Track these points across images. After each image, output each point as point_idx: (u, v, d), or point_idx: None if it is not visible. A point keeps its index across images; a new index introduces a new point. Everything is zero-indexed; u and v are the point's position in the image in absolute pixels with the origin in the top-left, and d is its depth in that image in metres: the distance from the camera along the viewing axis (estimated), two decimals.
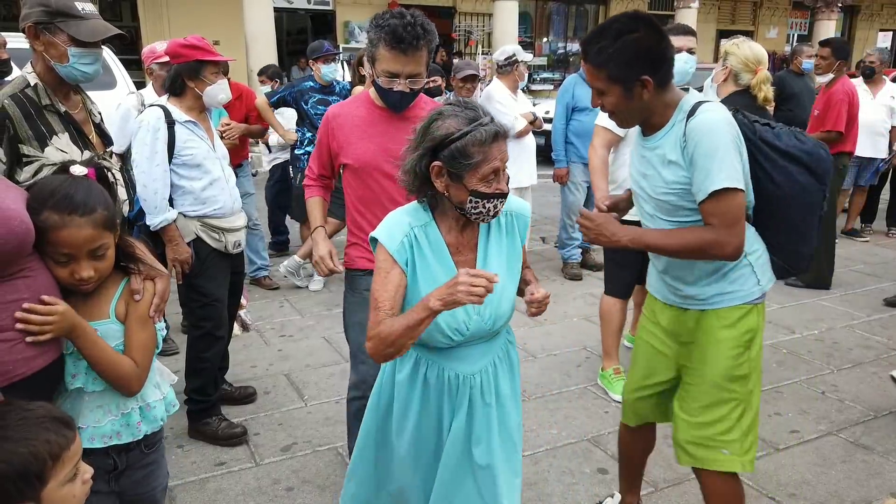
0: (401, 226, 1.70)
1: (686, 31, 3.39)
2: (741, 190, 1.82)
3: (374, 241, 1.71)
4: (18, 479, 1.17)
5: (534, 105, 5.88)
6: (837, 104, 5.21)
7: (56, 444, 1.22)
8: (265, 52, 10.42)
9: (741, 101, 2.98)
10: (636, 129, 2.07)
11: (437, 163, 1.61)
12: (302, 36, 15.78)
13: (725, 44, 3.26)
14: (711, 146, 1.80)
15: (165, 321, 4.17)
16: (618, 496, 2.56)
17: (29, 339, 1.50)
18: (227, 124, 4.35)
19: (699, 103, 1.88)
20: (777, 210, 2.02)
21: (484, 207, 1.63)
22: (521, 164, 5.03)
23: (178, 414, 3.19)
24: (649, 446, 2.43)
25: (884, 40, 17.63)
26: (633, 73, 1.82)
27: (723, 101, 2.98)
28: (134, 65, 8.85)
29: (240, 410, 3.31)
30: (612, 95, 1.88)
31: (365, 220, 2.40)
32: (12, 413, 1.23)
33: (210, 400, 3.08)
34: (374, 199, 2.37)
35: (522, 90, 5.27)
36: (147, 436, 1.75)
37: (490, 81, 5.59)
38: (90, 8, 2.22)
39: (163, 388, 1.81)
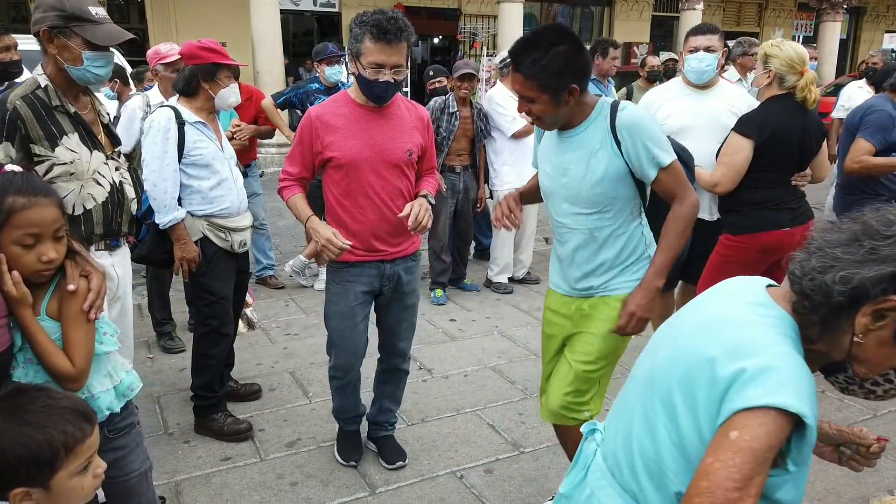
0: (809, 379, 1.03)
1: (704, 29, 3.47)
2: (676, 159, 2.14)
3: (769, 408, 0.98)
4: (31, 464, 1.21)
5: None
6: None
7: (72, 437, 1.26)
8: (272, 53, 10.51)
9: (781, 106, 2.98)
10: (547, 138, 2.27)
11: None
12: (308, 37, 15.85)
13: (764, 46, 3.14)
14: (649, 132, 2.07)
15: (172, 320, 4.23)
16: None
17: None
18: (238, 125, 4.40)
19: (617, 101, 2.13)
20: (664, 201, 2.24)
21: (892, 387, 1.09)
22: (524, 164, 5.06)
23: (185, 410, 3.27)
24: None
25: (890, 41, 17.56)
26: (562, 82, 2.00)
27: (763, 106, 3.06)
28: (141, 66, 8.93)
29: (245, 407, 3.37)
30: (541, 103, 2.05)
31: (347, 213, 2.56)
32: (39, 399, 1.28)
33: (216, 396, 3.13)
34: (357, 191, 2.52)
35: None
36: (109, 420, 1.74)
37: (495, 84, 5.64)
38: (103, 12, 2.28)
39: (115, 375, 1.78)
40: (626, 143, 2.07)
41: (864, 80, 6.62)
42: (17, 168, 1.61)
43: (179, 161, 2.95)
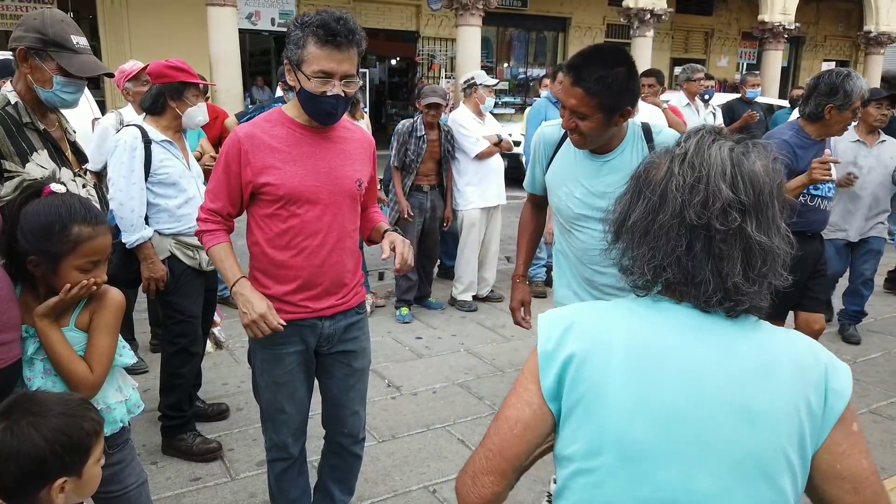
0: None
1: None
2: None
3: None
4: (74, 451, 1.30)
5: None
6: (679, 120, 5.55)
7: (97, 423, 1.36)
8: (230, 73, 10.46)
9: None
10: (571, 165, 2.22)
11: None
12: (265, 57, 15.84)
13: None
14: None
15: (135, 340, 4.17)
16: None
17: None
18: (201, 155, 4.37)
19: (647, 124, 2.18)
20: None
21: None
22: (487, 184, 5.19)
23: (153, 430, 3.22)
24: None
25: (828, 69, 18.46)
26: (621, 103, 1.98)
27: None
28: (92, 83, 8.77)
29: (213, 427, 3.33)
30: (594, 121, 1.99)
31: (281, 258, 2.07)
32: (53, 398, 1.36)
33: (185, 416, 3.10)
34: (298, 230, 2.05)
35: (491, 113, 5.42)
36: (108, 436, 1.79)
37: (456, 105, 5.75)
38: (84, 43, 2.29)
39: (125, 390, 1.86)
40: None
41: (791, 108, 7.01)
42: (60, 187, 1.70)
43: (146, 180, 2.95)
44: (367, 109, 6.95)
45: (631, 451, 1.02)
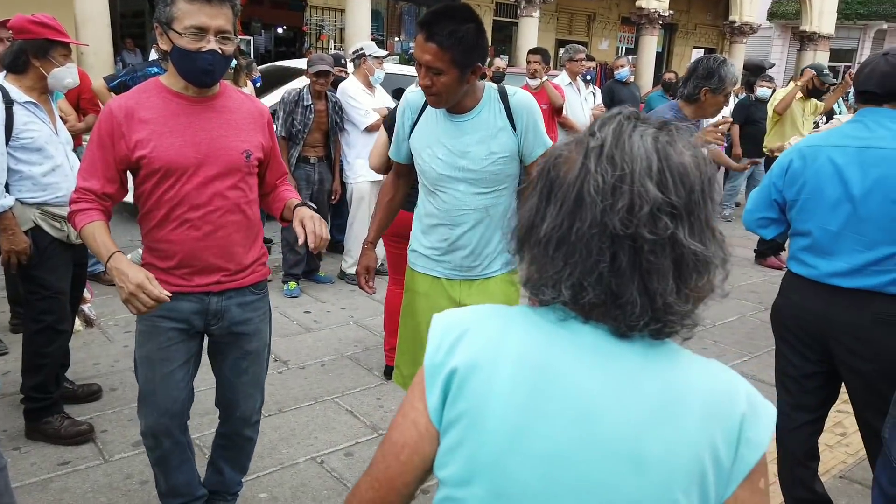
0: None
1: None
2: None
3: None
4: None
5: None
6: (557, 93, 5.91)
7: None
8: (98, 34, 9.71)
9: None
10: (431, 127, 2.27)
11: None
12: (139, 19, 14.80)
13: None
14: (538, 116, 2.25)
15: None
16: None
17: None
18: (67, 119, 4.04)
19: (503, 87, 2.27)
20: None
21: None
22: None
23: (15, 415, 3.01)
24: None
25: (697, 55, 19.69)
26: (472, 59, 2.06)
27: None
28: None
29: (84, 409, 3.15)
30: (449, 77, 2.04)
31: (163, 233, 2.00)
32: None
33: (50, 397, 2.91)
34: (177, 205, 1.97)
35: (381, 86, 5.38)
36: None
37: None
38: None
39: None
40: (522, 124, 2.20)
41: (663, 91, 7.58)
42: None
43: (7, 144, 2.72)
44: (259, 80, 6.61)
45: (503, 487, 0.90)
